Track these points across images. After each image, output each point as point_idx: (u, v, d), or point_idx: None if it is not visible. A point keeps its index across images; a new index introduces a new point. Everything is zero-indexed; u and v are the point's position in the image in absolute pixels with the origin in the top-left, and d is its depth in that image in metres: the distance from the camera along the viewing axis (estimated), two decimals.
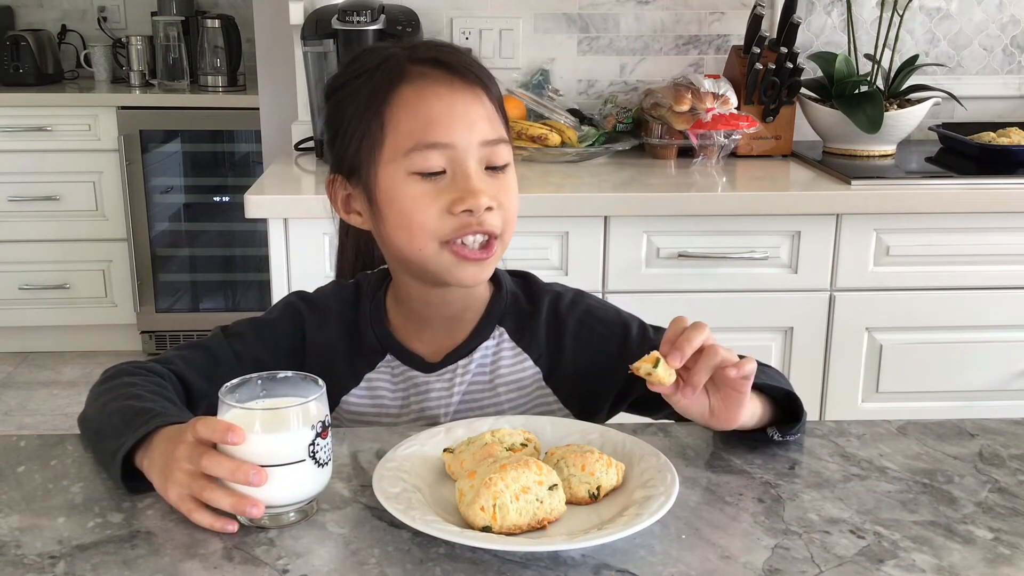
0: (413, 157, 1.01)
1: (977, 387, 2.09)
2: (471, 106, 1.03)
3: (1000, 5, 2.50)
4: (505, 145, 1.05)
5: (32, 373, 3.58)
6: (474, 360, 1.12)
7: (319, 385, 0.88)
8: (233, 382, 0.89)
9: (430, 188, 1.02)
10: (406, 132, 1.02)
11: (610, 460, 0.91)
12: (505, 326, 1.14)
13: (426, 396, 1.12)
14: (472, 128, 1.02)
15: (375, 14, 2.09)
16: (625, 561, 0.80)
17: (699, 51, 2.47)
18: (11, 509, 0.89)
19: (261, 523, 0.85)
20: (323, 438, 0.86)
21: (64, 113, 3.49)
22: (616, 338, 1.15)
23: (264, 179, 2.09)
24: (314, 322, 1.15)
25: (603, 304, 1.20)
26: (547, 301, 1.16)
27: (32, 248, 3.58)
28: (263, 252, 2.01)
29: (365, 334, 1.14)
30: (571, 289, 1.20)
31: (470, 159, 1.02)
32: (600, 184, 2.07)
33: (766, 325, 2.02)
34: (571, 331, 1.15)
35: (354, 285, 1.18)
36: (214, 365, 1.10)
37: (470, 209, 1.00)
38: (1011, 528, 0.87)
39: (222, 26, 3.73)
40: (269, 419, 0.85)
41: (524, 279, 1.19)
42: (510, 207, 1.04)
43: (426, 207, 1.01)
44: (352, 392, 1.14)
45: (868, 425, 1.07)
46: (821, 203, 1.98)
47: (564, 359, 1.15)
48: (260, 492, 0.84)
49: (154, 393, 1.00)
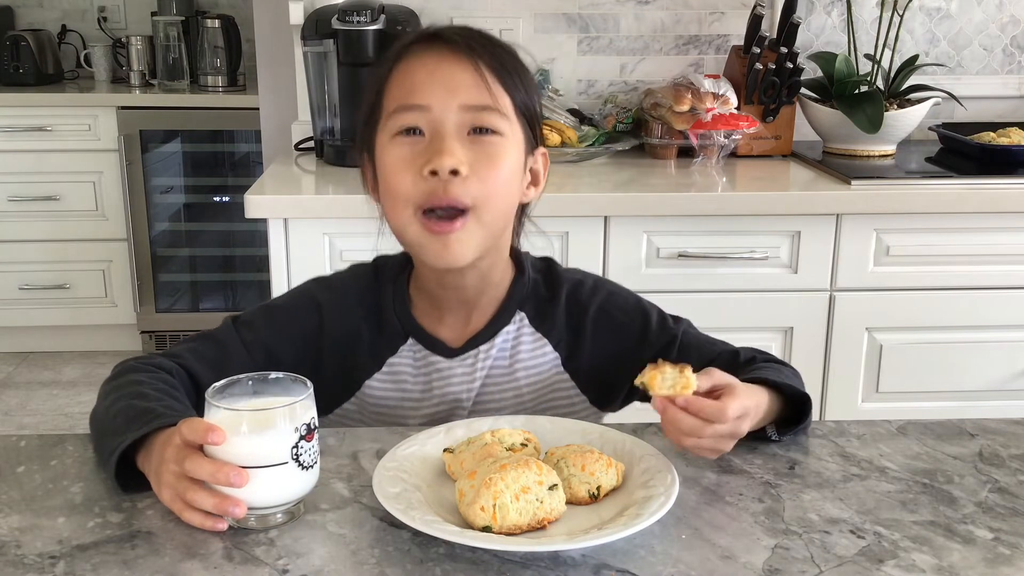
0: (394, 118, 1.02)
1: (977, 387, 2.09)
2: (456, 71, 1.02)
3: (1000, 5, 2.50)
4: (496, 114, 1.02)
5: (32, 373, 3.58)
6: (495, 345, 1.13)
7: (307, 387, 0.88)
8: (222, 382, 0.89)
9: (408, 151, 1.02)
10: (393, 99, 1.03)
11: (610, 460, 0.91)
12: (526, 311, 1.14)
13: (448, 381, 1.12)
14: (453, 91, 1.01)
15: (375, 14, 2.09)
16: (625, 561, 0.80)
17: (699, 51, 2.47)
18: (11, 509, 0.89)
19: (248, 524, 0.85)
20: (308, 441, 0.85)
21: (64, 113, 3.48)
22: (636, 327, 1.16)
23: (264, 179, 2.09)
24: (333, 307, 1.14)
25: (624, 292, 1.20)
26: (567, 287, 1.16)
27: (32, 248, 3.58)
28: (263, 252, 2.01)
29: (388, 318, 1.13)
30: (592, 276, 1.20)
31: (447, 122, 1.01)
32: (600, 184, 2.07)
33: (766, 325, 2.02)
34: (591, 318, 1.15)
35: (372, 268, 1.17)
36: (222, 356, 1.10)
37: (435, 170, 0.99)
38: (1011, 528, 0.87)
39: (222, 26, 3.73)
40: (254, 420, 0.84)
41: (547, 264, 1.19)
42: (489, 179, 1.01)
43: (402, 170, 1.01)
44: (375, 377, 1.13)
45: (868, 425, 1.07)
46: (821, 203, 1.98)
47: (583, 346, 1.15)
48: (243, 493, 0.84)
49: (160, 392, 0.99)
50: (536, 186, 1.12)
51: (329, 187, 2.05)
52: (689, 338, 1.17)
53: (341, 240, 1.92)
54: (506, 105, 1.03)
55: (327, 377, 1.13)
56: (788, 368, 1.12)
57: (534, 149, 1.09)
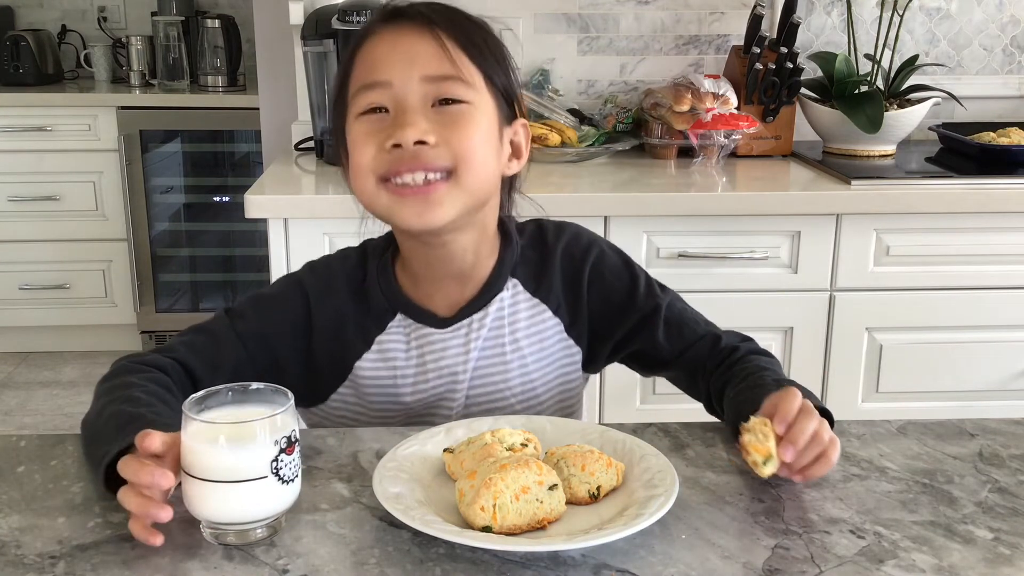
0: (358, 98, 1.02)
1: (977, 387, 2.09)
2: (415, 43, 1.00)
3: (1000, 5, 2.50)
4: (460, 83, 1.00)
5: (32, 373, 3.58)
6: (489, 314, 1.11)
7: (288, 398, 0.85)
8: (200, 393, 0.86)
9: (371, 127, 1.01)
10: (357, 78, 1.03)
11: (610, 460, 0.91)
12: (518, 277, 1.14)
13: (442, 355, 1.11)
14: (412, 63, 1.00)
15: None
16: (625, 561, 0.80)
17: (699, 51, 2.47)
18: (11, 509, 0.89)
19: (227, 540, 0.83)
20: (288, 454, 0.82)
21: (64, 113, 3.48)
22: (624, 288, 1.16)
23: (264, 179, 2.09)
24: (319, 290, 1.13)
25: (614, 250, 1.19)
26: (561, 248, 1.15)
27: (32, 248, 3.58)
28: (263, 252, 2.01)
29: (373, 294, 1.12)
30: (586, 231, 1.19)
31: (410, 95, 0.99)
32: (600, 184, 2.07)
33: (766, 325, 2.02)
34: (586, 278, 1.15)
35: (360, 249, 1.16)
36: (216, 348, 1.09)
37: (398, 143, 0.98)
38: (1011, 528, 0.87)
39: (222, 26, 3.73)
40: (232, 433, 0.82)
41: (538, 226, 1.18)
42: (461, 145, 0.99)
43: (364, 144, 1.01)
44: (364, 357, 1.12)
45: (868, 425, 1.07)
46: (821, 203, 1.98)
47: (581, 306, 1.15)
48: (221, 509, 0.82)
49: (151, 395, 0.99)
50: (519, 158, 1.10)
51: (329, 187, 2.05)
52: (674, 312, 1.17)
53: (341, 240, 1.90)
54: (471, 74, 1.01)
55: (321, 363, 1.12)
56: (768, 358, 1.13)
57: (512, 121, 1.08)
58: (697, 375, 1.15)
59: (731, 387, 1.07)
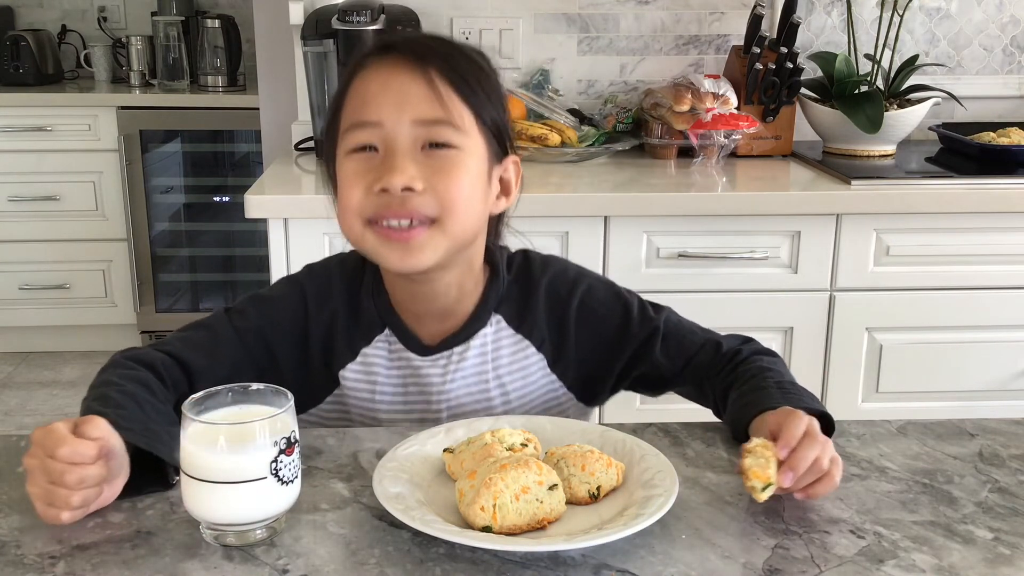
0: (348, 136, 1.02)
1: (977, 387, 2.09)
2: (409, 85, 1.00)
3: (1000, 5, 2.50)
4: (450, 128, 1.00)
5: (32, 373, 3.58)
6: (471, 348, 1.11)
7: (287, 399, 0.85)
8: (200, 394, 0.86)
9: (361, 167, 1.01)
10: (348, 114, 1.03)
11: (610, 460, 0.91)
12: (502, 313, 1.13)
13: (421, 380, 1.11)
14: (403, 106, 0.99)
15: (375, 14, 2.09)
16: (625, 561, 0.80)
17: (699, 51, 2.47)
18: (11, 509, 0.89)
19: (227, 542, 0.83)
20: (288, 455, 0.82)
21: (64, 113, 3.48)
22: (616, 319, 1.15)
23: (264, 179, 2.09)
24: (317, 294, 1.13)
25: (603, 282, 1.19)
26: (545, 284, 1.14)
27: (32, 248, 3.58)
28: (263, 252, 2.01)
29: (365, 305, 1.12)
30: (572, 267, 1.18)
31: (400, 137, 0.99)
32: (600, 184, 2.07)
33: (766, 325, 2.01)
34: (573, 314, 1.14)
35: (358, 255, 1.15)
36: (215, 343, 1.09)
37: (385, 188, 0.98)
38: (1011, 528, 0.87)
39: (222, 26, 3.73)
40: (231, 434, 0.82)
41: (524, 259, 1.17)
42: (448, 193, 0.99)
43: (353, 185, 1.01)
44: (349, 367, 1.12)
45: (868, 425, 1.07)
46: (821, 203, 1.98)
47: (567, 345, 1.14)
48: (221, 510, 0.82)
49: (126, 394, 0.97)
50: (507, 196, 1.09)
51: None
52: (671, 327, 1.16)
53: (341, 240, 1.88)
54: (462, 117, 1.01)
55: (314, 367, 1.13)
56: (807, 393, 1.07)
57: (502, 159, 1.07)
58: (704, 384, 1.14)
59: (734, 390, 1.07)
